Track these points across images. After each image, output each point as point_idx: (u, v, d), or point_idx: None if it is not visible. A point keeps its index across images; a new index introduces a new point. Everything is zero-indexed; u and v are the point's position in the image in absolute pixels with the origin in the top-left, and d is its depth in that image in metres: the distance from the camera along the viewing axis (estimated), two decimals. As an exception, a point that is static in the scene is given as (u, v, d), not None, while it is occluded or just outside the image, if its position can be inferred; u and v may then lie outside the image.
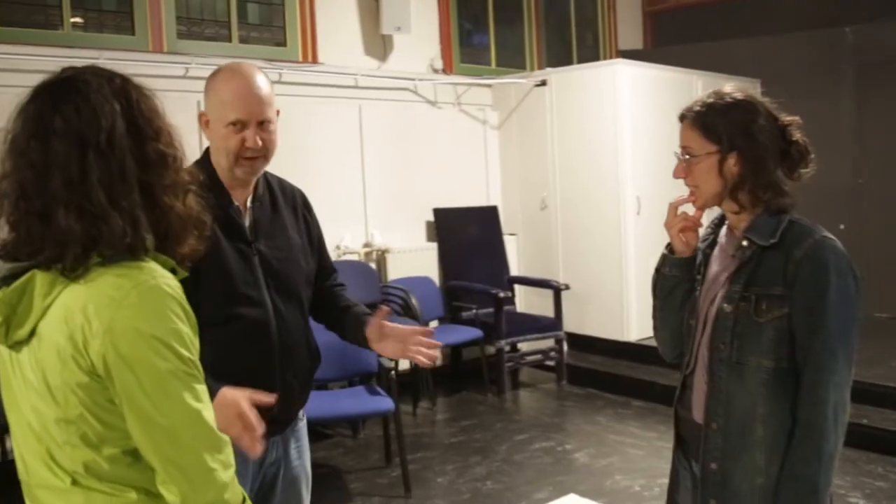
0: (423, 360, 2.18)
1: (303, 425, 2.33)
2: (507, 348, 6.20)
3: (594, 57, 8.19)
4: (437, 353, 2.23)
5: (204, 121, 2.13)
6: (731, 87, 1.94)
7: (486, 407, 5.82)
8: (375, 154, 6.29)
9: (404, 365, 5.84)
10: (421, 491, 4.30)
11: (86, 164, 1.24)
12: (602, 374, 6.16)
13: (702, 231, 2.05)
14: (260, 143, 2.08)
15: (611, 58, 8.17)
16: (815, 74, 7.46)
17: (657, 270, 2.07)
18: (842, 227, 7.43)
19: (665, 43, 8.74)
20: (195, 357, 1.30)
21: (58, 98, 1.28)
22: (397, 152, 6.43)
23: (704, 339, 1.92)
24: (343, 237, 6.02)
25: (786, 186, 1.89)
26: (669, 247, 2.02)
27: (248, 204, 2.17)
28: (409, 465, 4.43)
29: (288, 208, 2.28)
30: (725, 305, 1.87)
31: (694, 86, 6.94)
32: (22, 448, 1.34)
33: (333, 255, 5.80)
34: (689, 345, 2.00)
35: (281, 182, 2.33)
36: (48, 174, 1.24)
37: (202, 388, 1.30)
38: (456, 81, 6.93)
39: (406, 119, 6.53)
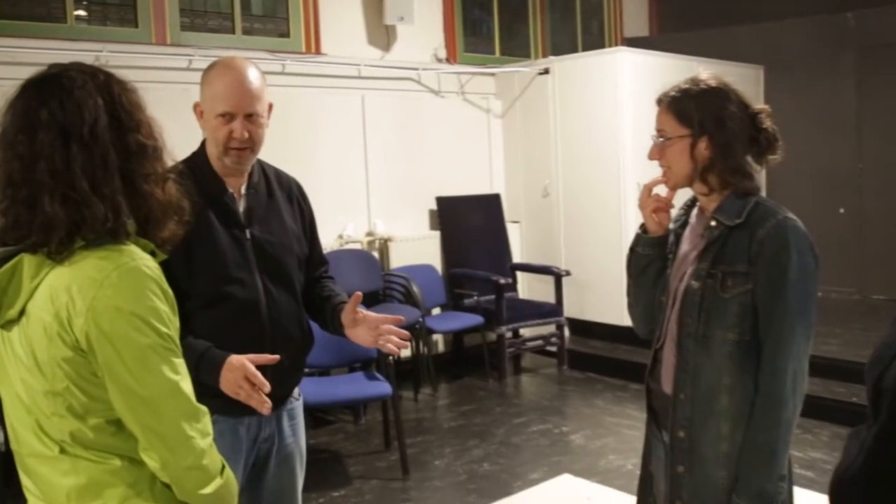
0: (392, 349, 2.25)
1: (298, 405, 2.42)
2: (509, 334, 6.29)
3: (599, 45, 8.21)
4: (406, 343, 2.29)
5: (199, 111, 2.22)
6: (707, 74, 2.03)
7: (487, 392, 5.91)
8: (378, 144, 6.36)
9: (406, 353, 5.94)
10: (419, 473, 4.39)
11: (69, 154, 1.34)
12: (602, 358, 6.24)
13: (674, 212, 2.14)
14: (246, 135, 2.16)
15: (616, 45, 8.20)
16: (818, 60, 7.48)
17: (631, 249, 2.16)
18: (842, 210, 7.47)
19: (671, 30, 8.77)
20: (173, 333, 1.39)
21: (44, 93, 1.37)
22: (400, 142, 6.50)
23: (674, 315, 2.02)
24: (346, 226, 6.10)
25: (753, 171, 1.98)
26: (643, 226, 2.12)
27: (243, 191, 2.26)
28: (409, 448, 4.53)
29: (283, 196, 2.36)
30: (693, 282, 1.96)
31: (696, 73, 6.97)
32: (13, 420, 1.44)
33: (336, 244, 5.91)
34: (659, 320, 2.09)
35: (278, 172, 2.42)
36: (34, 164, 1.33)
37: (180, 362, 1.40)
38: (459, 70, 6.99)
39: (409, 108, 6.60)
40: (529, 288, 7.07)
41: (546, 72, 6.93)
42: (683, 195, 2.14)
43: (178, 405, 1.38)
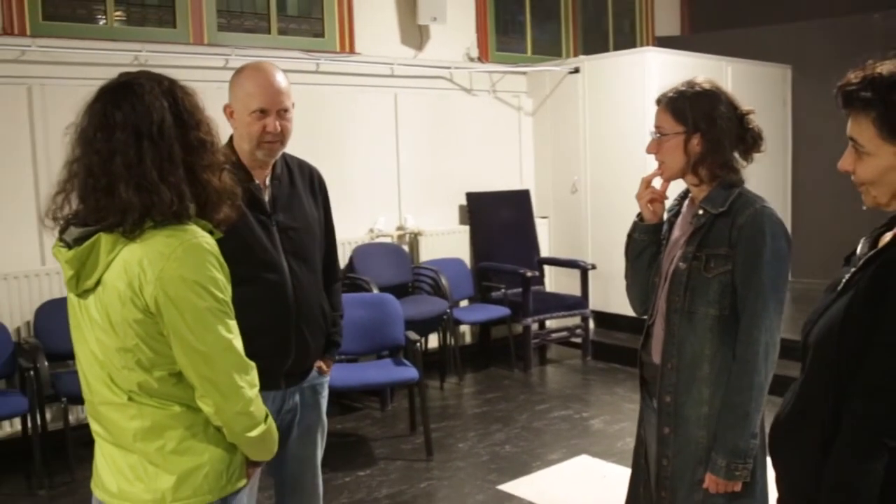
0: None
1: (322, 381, 2.66)
2: (535, 326, 6.48)
3: (631, 44, 8.34)
4: None
5: (228, 112, 2.47)
6: (702, 78, 2.28)
7: (512, 381, 6.11)
8: (410, 141, 6.57)
9: (433, 343, 6.16)
10: (442, 455, 4.62)
11: (141, 149, 1.59)
12: (625, 349, 6.38)
13: (669, 203, 2.39)
14: (279, 128, 2.39)
15: (647, 45, 8.34)
16: (845, 60, 7.47)
17: (629, 235, 2.42)
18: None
19: (702, 29, 8.87)
20: (227, 298, 1.65)
21: (118, 98, 1.62)
22: (432, 139, 6.71)
23: (663, 293, 2.26)
24: (377, 220, 6.32)
25: (739, 165, 2.23)
26: (640, 215, 2.38)
27: (268, 182, 2.50)
28: (433, 432, 4.76)
29: (305, 185, 2.61)
30: (681, 264, 2.20)
31: (724, 73, 7.11)
32: (87, 373, 1.70)
33: (367, 237, 6.13)
34: (652, 299, 2.34)
35: (300, 162, 2.66)
36: (111, 158, 1.58)
37: (233, 323, 1.66)
38: (491, 69, 7.17)
39: (441, 106, 6.80)
40: (556, 281, 7.25)
41: (576, 71, 7.10)
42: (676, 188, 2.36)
43: (231, 359, 1.64)
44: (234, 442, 1.70)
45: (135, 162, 1.57)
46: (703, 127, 2.16)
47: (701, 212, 2.20)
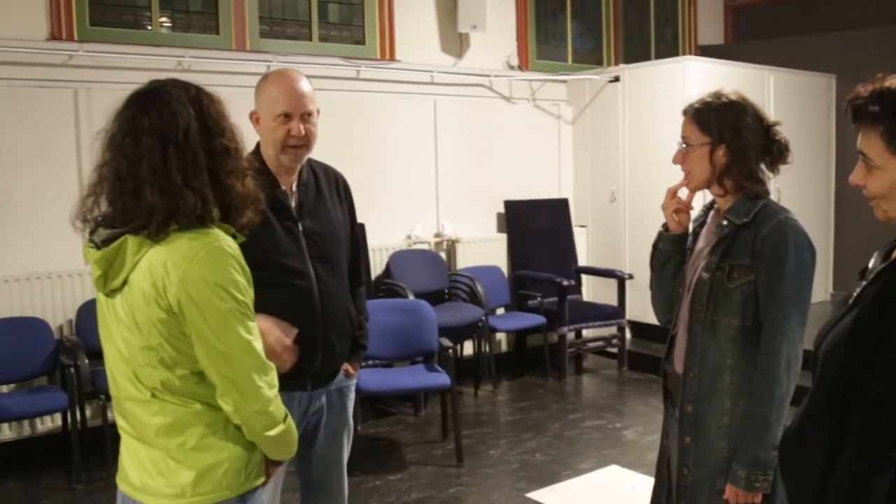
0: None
1: (349, 384, 2.69)
2: (571, 335, 6.46)
3: (673, 53, 8.27)
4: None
5: (255, 119, 2.51)
6: (729, 89, 2.29)
7: (546, 390, 6.10)
8: (449, 148, 6.61)
9: (468, 351, 6.17)
10: (472, 461, 4.63)
11: (167, 154, 1.63)
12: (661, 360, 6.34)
13: (695, 213, 2.38)
14: (303, 132, 2.43)
15: (689, 54, 8.28)
16: (890, 69, 7.39)
17: (654, 246, 2.43)
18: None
19: (746, 38, 8.79)
20: (248, 301, 1.69)
21: (146, 104, 1.67)
22: (471, 146, 6.74)
23: (686, 303, 2.26)
24: (415, 227, 6.35)
25: (765, 177, 2.23)
26: (665, 225, 2.38)
27: (294, 188, 2.53)
28: (465, 439, 4.77)
29: (331, 190, 2.64)
30: (704, 274, 2.20)
31: (766, 82, 7.04)
32: (113, 370, 1.75)
33: (404, 244, 6.18)
34: (676, 309, 2.33)
35: (325, 168, 2.69)
36: (139, 162, 1.63)
37: (253, 325, 1.70)
38: (531, 77, 7.18)
39: (480, 114, 6.82)
40: (594, 291, 7.23)
41: (616, 79, 7.08)
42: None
43: (251, 359, 1.68)
44: (253, 440, 1.74)
45: (160, 166, 1.62)
46: (728, 138, 2.17)
47: (725, 222, 2.20)
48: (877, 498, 1.39)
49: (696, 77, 6.52)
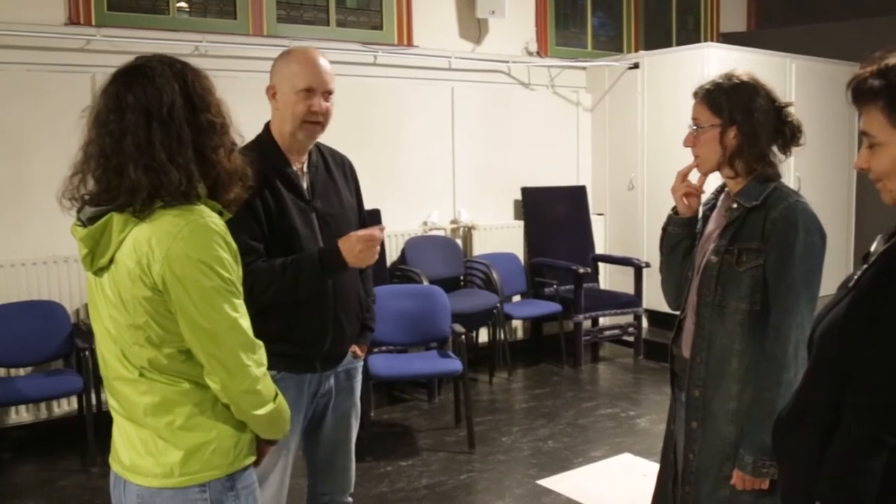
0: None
1: (357, 366, 2.69)
2: (587, 323, 6.43)
3: (695, 40, 8.17)
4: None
5: (271, 93, 2.49)
6: (741, 70, 2.24)
7: (561, 378, 6.07)
8: (466, 134, 6.57)
9: (483, 338, 6.16)
10: (484, 448, 4.62)
11: (151, 131, 1.62)
12: (679, 350, 6.30)
13: (705, 197, 2.35)
14: (324, 107, 2.44)
15: (711, 41, 8.18)
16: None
17: (664, 229, 2.40)
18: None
19: (770, 25, 8.67)
20: (234, 278, 1.67)
21: (130, 80, 1.65)
22: (488, 133, 6.69)
23: (694, 287, 2.23)
24: (431, 213, 6.33)
25: (776, 159, 2.18)
26: (675, 209, 2.34)
27: (304, 169, 2.52)
28: (478, 426, 4.76)
29: (339, 172, 2.63)
30: (713, 257, 2.17)
31: (788, 70, 6.94)
32: (102, 349, 1.75)
33: (420, 230, 6.16)
34: (685, 294, 2.30)
35: (332, 150, 2.68)
36: (122, 139, 1.62)
37: (239, 302, 1.68)
38: (550, 64, 7.13)
39: (498, 100, 6.77)
40: (611, 279, 7.18)
41: (636, 66, 7.00)
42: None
43: (237, 337, 1.66)
44: (242, 419, 1.73)
45: (144, 143, 1.60)
46: (739, 119, 2.13)
47: (735, 205, 2.16)
48: (870, 480, 1.36)
49: (717, 64, 6.42)
